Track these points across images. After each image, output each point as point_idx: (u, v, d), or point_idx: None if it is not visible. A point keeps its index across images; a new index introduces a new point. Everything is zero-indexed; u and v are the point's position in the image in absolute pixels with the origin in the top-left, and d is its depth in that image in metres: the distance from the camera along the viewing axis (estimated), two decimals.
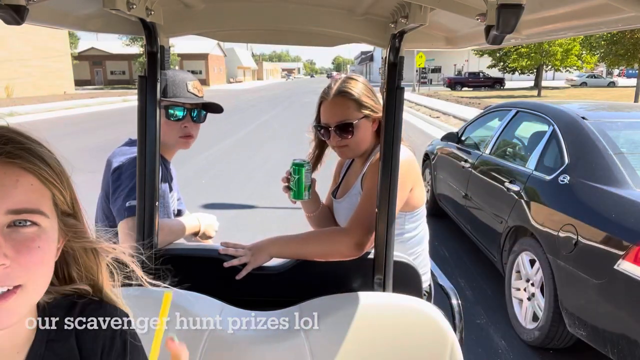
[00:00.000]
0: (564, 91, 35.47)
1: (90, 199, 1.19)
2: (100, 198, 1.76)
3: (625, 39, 22.66)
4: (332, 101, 1.68)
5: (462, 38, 1.42)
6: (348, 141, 1.68)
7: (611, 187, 2.91)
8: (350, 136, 1.67)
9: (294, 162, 1.69)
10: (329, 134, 1.70)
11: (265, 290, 1.62)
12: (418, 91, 36.60)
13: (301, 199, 1.72)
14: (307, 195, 1.72)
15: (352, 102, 1.66)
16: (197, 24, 1.47)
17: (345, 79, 1.72)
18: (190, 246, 1.83)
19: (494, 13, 0.74)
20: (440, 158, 5.99)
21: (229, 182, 7.99)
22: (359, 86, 1.69)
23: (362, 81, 1.72)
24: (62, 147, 0.77)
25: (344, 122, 1.66)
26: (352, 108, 1.66)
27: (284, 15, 1.48)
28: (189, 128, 1.75)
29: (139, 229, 1.47)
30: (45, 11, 1.13)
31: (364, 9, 1.39)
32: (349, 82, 1.69)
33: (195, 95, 1.76)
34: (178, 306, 1.32)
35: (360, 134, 1.68)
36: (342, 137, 1.68)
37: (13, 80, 31.61)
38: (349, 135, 1.67)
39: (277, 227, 5.57)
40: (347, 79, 1.72)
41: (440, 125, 15.15)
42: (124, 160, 1.65)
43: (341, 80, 1.72)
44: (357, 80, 1.72)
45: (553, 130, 3.67)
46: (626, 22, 0.81)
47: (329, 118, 1.69)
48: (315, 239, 1.63)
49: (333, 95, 1.68)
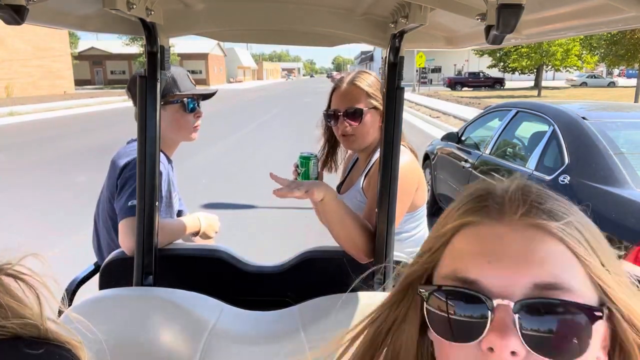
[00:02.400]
0: (564, 91, 35.45)
1: (90, 199, 1.19)
2: (105, 199, 1.77)
3: (625, 39, 22.65)
4: (345, 89, 1.75)
5: (462, 38, 1.42)
6: (355, 129, 1.72)
7: (611, 187, 2.91)
8: (358, 123, 1.71)
9: (301, 154, 1.70)
10: (337, 120, 1.75)
11: (265, 290, 1.62)
12: (418, 91, 36.60)
13: None
14: None
15: (363, 92, 1.72)
16: (197, 24, 1.47)
17: (359, 72, 1.80)
18: (190, 246, 1.84)
19: (494, 13, 0.74)
20: (440, 158, 5.99)
21: (229, 182, 7.99)
22: (371, 79, 1.76)
23: (374, 76, 1.80)
24: (62, 147, 0.75)
25: (353, 107, 1.71)
26: (363, 97, 1.72)
27: (284, 15, 1.48)
28: (200, 117, 1.88)
29: (139, 229, 1.47)
30: (45, 11, 1.13)
31: (364, 9, 1.39)
32: (362, 74, 1.78)
33: (195, 86, 1.88)
34: (178, 306, 1.32)
35: (367, 123, 1.72)
36: (350, 124, 1.72)
37: (13, 80, 31.62)
38: (357, 122, 1.71)
39: (277, 227, 5.57)
40: (360, 71, 1.80)
41: (440, 125, 15.15)
42: (130, 160, 1.67)
43: (355, 72, 1.81)
44: (369, 74, 1.80)
45: (553, 131, 3.67)
46: (626, 22, 0.81)
47: (339, 104, 1.75)
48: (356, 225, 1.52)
49: (346, 84, 1.76)
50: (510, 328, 0.42)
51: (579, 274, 0.44)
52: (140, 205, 1.46)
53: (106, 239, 1.81)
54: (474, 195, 0.51)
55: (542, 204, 0.47)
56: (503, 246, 0.44)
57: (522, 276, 0.43)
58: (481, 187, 0.52)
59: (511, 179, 0.53)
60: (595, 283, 0.45)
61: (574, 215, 0.48)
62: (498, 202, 0.48)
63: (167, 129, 1.79)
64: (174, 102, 1.78)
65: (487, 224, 0.47)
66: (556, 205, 0.48)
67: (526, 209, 0.46)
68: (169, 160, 1.85)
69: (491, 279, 0.44)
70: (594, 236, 0.48)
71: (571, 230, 0.46)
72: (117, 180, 1.68)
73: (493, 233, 0.46)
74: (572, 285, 0.43)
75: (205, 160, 9.86)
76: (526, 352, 0.41)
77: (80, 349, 0.65)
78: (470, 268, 0.45)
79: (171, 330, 1.28)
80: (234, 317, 1.37)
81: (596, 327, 0.42)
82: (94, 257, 1.93)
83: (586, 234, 0.47)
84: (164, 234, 1.59)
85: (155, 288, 1.45)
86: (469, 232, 0.48)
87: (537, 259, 0.43)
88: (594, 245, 0.46)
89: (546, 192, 0.51)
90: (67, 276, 1.83)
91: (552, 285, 0.42)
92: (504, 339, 0.41)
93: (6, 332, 0.58)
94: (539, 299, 0.42)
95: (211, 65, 67.38)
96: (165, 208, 1.77)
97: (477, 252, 0.45)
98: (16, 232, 5.37)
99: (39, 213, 6.19)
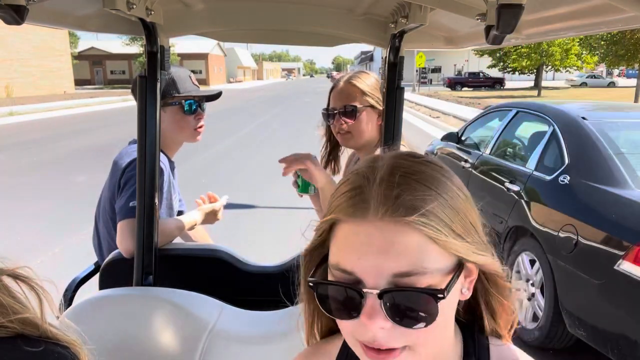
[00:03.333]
0: (564, 91, 35.46)
1: (90, 198, 1.19)
2: (106, 199, 1.76)
3: (625, 39, 22.65)
4: (341, 87, 1.78)
5: (462, 38, 1.42)
6: (350, 127, 1.74)
7: (611, 187, 2.91)
8: (352, 121, 1.73)
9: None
10: (334, 118, 1.78)
11: (265, 290, 1.62)
12: (418, 91, 36.60)
13: (307, 193, 1.77)
14: (312, 189, 1.76)
15: (358, 90, 1.73)
16: (197, 24, 1.47)
17: (358, 72, 1.82)
18: (190, 246, 1.84)
19: (494, 13, 0.74)
20: (440, 158, 5.99)
21: (229, 182, 7.99)
22: (369, 78, 1.78)
23: (374, 76, 1.81)
24: (62, 147, 0.75)
25: (348, 105, 1.74)
26: (358, 95, 1.73)
27: (284, 15, 1.48)
28: (202, 118, 1.86)
29: (139, 228, 1.47)
30: (45, 11, 1.12)
31: (364, 9, 1.39)
32: (360, 74, 1.79)
33: (197, 87, 1.86)
34: (178, 306, 1.32)
35: (362, 121, 1.73)
36: (345, 122, 1.75)
37: (13, 79, 31.62)
38: (352, 120, 1.73)
39: (277, 227, 5.57)
40: (359, 71, 1.82)
41: (440, 125, 15.15)
42: (132, 160, 1.67)
43: (353, 72, 1.82)
44: (368, 74, 1.81)
45: (553, 131, 3.67)
46: (626, 22, 0.81)
47: (336, 102, 1.77)
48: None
49: (342, 82, 1.78)
50: (377, 310, 0.55)
51: (434, 252, 0.55)
52: (140, 205, 1.45)
53: (106, 239, 1.81)
54: (349, 188, 0.59)
55: (403, 196, 0.55)
56: (369, 244, 0.55)
57: (384, 269, 0.54)
58: (353, 179, 0.60)
59: (382, 162, 0.60)
60: (451, 252, 0.57)
61: (435, 197, 0.57)
62: (365, 199, 0.57)
63: (167, 130, 1.79)
64: (173, 104, 1.78)
65: (357, 222, 0.56)
66: (419, 193, 0.56)
67: (387, 209, 0.55)
68: (171, 162, 1.85)
69: (362, 271, 0.55)
70: (453, 212, 0.57)
71: (428, 219, 0.55)
72: (119, 180, 1.67)
73: (361, 231, 0.56)
74: (426, 267, 0.55)
75: (205, 160, 9.86)
76: (391, 325, 0.55)
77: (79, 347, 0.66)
78: (347, 261, 0.57)
79: (171, 330, 1.28)
80: (234, 317, 1.37)
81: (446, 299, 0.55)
82: (94, 257, 1.93)
83: (443, 215, 0.56)
84: (162, 234, 1.59)
85: (155, 288, 1.45)
86: (345, 227, 0.58)
87: (395, 252, 0.54)
88: (451, 223, 0.56)
89: (413, 174, 0.58)
90: (67, 276, 1.83)
91: (407, 273, 0.54)
92: (372, 319, 0.55)
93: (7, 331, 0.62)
94: (394, 289, 0.54)
95: (211, 65, 67.37)
96: (165, 209, 1.77)
97: (350, 248, 0.57)
98: (16, 232, 5.37)
99: (39, 213, 6.19)
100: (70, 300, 1.71)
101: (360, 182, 0.59)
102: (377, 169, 0.59)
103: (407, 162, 0.60)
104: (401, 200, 0.55)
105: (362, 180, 0.59)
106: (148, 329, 1.29)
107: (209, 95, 1.89)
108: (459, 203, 0.59)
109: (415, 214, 0.54)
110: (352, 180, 0.61)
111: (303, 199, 1.90)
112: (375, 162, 0.61)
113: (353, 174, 0.62)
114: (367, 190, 0.57)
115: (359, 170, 0.61)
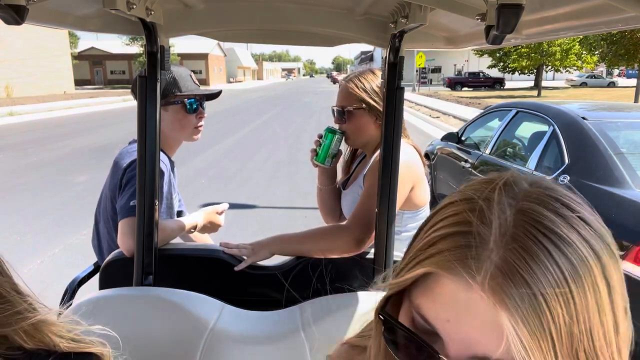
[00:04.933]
0: (564, 91, 35.45)
1: (90, 198, 1.19)
2: (107, 199, 1.76)
3: (625, 39, 22.63)
4: (340, 87, 1.79)
5: (462, 38, 1.42)
6: (344, 127, 1.76)
7: (611, 187, 2.91)
8: (344, 122, 1.75)
9: (329, 127, 1.78)
10: (334, 117, 1.80)
11: (265, 290, 1.62)
12: (418, 91, 36.60)
13: (322, 163, 1.81)
14: (329, 162, 1.81)
15: (352, 91, 1.72)
16: (197, 24, 1.47)
17: (364, 70, 1.78)
18: (190, 246, 1.84)
19: (494, 13, 0.74)
20: (440, 158, 5.99)
21: (229, 182, 7.99)
22: (369, 79, 1.74)
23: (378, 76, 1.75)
24: (62, 147, 0.75)
25: (340, 107, 1.75)
26: (352, 96, 1.72)
27: (284, 15, 1.48)
28: (203, 117, 1.88)
29: (139, 228, 1.47)
30: (45, 11, 1.13)
31: (364, 8, 1.39)
32: (362, 74, 1.76)
33: (198, 86, 1.88)
34: (178, 306, 1.32)
35: (354, 122, 1.73)
36: (339, 122, 1.77)
37: (13, 80, 31.62)
38: (343, 121, 1.75)
39: (277, 227, 5.57)
40: (363, 71, 1.78)
41: (440, 125, 15.15)
42: (133, 160, 1.67)
43: (359, 71, 1.79)
44: (372, 73, 1.76)
45: (553, 131, 3.67)
46: (626, 22, 0.81)
47: (336, 102, 1.78)
48: (316, 236, 1.65)
49: (343, 82, 1.78)
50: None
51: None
52: (140, 205, 1.46)
53: (106, 239, 1.81)
54: (454, 230, 0.46)
55: (526, 277, 0.42)
56: (467, 312, 0.44)
57: (471, 344, 0.45)
58: (463, 218, 0.46)
59: (510, 199, 0.46)
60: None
61: (565, 294, 0.42)
62: (478, 257, 0.43)
63: (168, 129, 1.79)
64: (175, 103, 1.79)
65: (456, 281, 0.45)
66: (548, 278, 0.42)
67: (502, 285, 0.42)
68: (171, 161, 1.85)
69: (447, 336, 0.46)
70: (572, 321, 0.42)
71: (524, 304, 0.41)
72: (120, 179, 1.68)
73: (461, 294, 0.44)
74: (507, 355, 0.43)
75: (205, 160, 9.86)
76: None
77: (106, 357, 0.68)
78: (432, 313, 0.47)
79: (171, 330, 1.28)
80: (234, 317, 1.37)
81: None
82: (94, 257, 1.93)
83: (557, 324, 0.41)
84: (162, 234, 1.59)
85: (155, 288, 1.45)
86: (439, 280, 0.47)
87: (489, 333, 0.43)
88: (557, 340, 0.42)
89: (553, 243, 0.43)
90: (67, 276, 1.84)
91: (488, 358, 0.44)
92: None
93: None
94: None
95: (211, 65, 67.38)
96: (165, 209, 1.77)
97: (441, 304, 0.46)
98: (17, 233, 5.38)
99: (39, 213, 6.19)
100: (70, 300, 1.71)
101: (471, 227, 0.45)
102: (502, 210, 0.45)
103: (551, 215, 0.44)
104: (520, 281, 0.41)
105: (476, 223, 0.45)
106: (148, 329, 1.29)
107: (210, 94, 1.91)
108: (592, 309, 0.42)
109: (517, 297, 0.41)
110: (460, 218, 0.47)
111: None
112: (499, 194, 0.46)
113: (462, 205, 0.48)
114: (481, 242, 0.44)
115: (472, 203, 0.47)
